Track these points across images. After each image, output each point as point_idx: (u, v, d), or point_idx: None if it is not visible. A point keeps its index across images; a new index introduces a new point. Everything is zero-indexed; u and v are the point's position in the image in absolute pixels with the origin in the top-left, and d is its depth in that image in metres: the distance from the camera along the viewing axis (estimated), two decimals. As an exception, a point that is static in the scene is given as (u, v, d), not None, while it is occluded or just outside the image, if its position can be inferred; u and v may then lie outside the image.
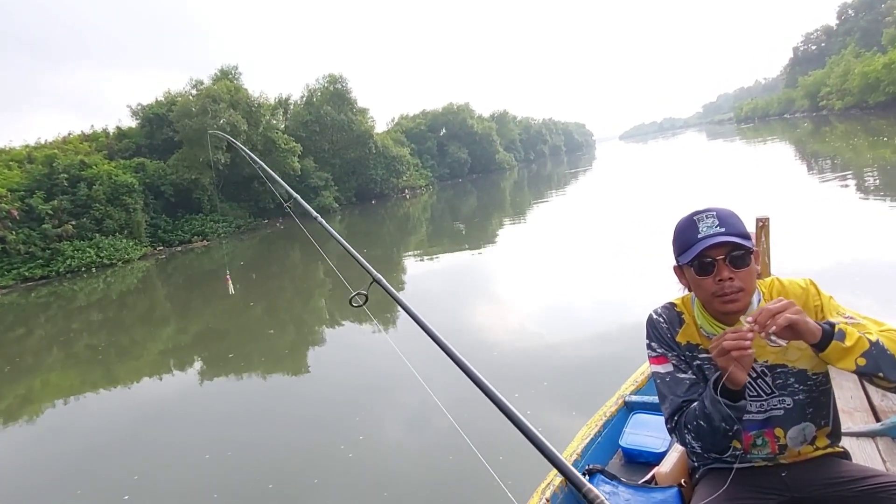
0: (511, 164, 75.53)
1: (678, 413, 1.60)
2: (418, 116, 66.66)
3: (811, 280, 1.63)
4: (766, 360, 1.59)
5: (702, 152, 42.15)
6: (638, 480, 2.18)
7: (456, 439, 3.24)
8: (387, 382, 6.20)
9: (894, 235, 8.32)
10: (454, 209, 30.96)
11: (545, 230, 17.14)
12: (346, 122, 41.65)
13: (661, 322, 1.71)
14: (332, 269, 14.15)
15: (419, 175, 54.51)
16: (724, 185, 17.66)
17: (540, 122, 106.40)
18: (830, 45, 68.06)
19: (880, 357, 1.38)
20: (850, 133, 30.16)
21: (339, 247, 2.56)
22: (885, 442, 2.33)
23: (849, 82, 42.93)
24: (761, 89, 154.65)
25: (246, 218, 35.46)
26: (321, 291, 13.43)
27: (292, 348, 8.83)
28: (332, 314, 11.08)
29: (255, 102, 34.78)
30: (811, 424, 1.62)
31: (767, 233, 3.05)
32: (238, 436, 5.61)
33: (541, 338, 6.88)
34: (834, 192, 12.92)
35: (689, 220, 1.57)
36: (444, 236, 19.78)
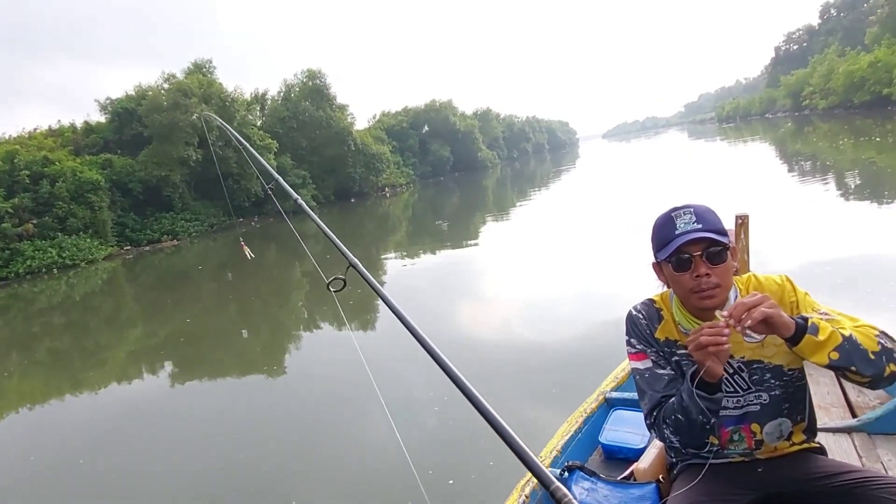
0: (494, 162, 75.11)
1: (657, 408, 1.61)
2: (400, 113, 65.85)
3: (787, 277, 1.64)
4: (742, 356, 1.60)
5: (684, 151, 43.24)
6: (617, 476, 2.18)
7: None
8: (347, 386, 6.15)
9: (873, 234, 8.39)
10: (436, 208, 30.67)
11: (528, 229, 17.10)
12: (324, 119, 40.77)
13: (641, 318, 1.72)
14: (309, 270, 12.64)
15: (400, 173, 53.87)
16: (706, 184, 17.82)
17: (523, 119, 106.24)
18: (813, 44, 68.91)
19: (853, 351, 1.38)
20: (834, 133, 30.68)
21: (319, 244, 2.05)
22: (861, 437, 2.34)
23: (833, 82, 43.10)
24: (742, 89, 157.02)
25: (219, 216, 34.49)
26: (298, 292, 13.14)
27: (267, 350, 8.66)
28: (311, 314, 10.83)
29: (229, 97, 33.61)
30: (787, 420, 1.63)
31: (747, 230, 3.07)
32: (213, 442, 5.52)
33: (523, 335, 6.88)
34: (815, 192, 12.99)
35: (667, 216, 1.57)
36: (426, 235, 19.55)
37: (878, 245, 7.75)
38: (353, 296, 10.75)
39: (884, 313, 5.30)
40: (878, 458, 2.23)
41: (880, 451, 2.27)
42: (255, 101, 42.49)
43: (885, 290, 5.90)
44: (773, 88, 76.44)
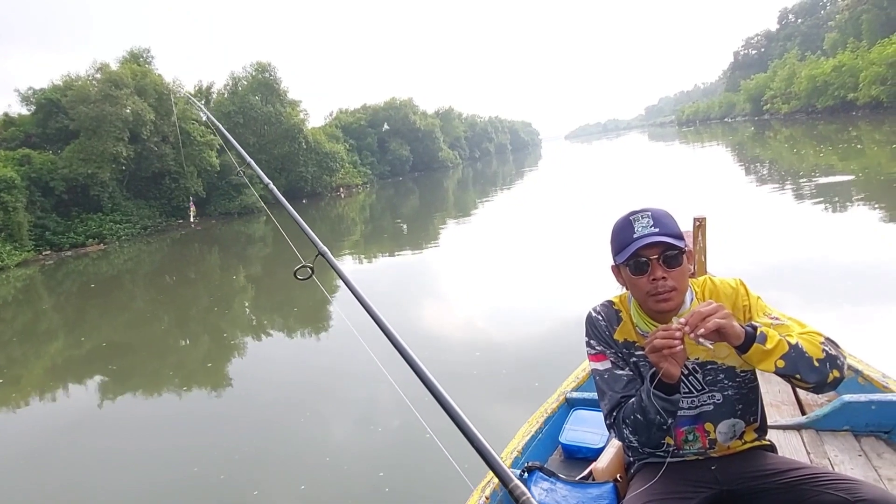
0: (455, 161, 74.16)
1: (617, 409, 1.66)
2: (358, 111, 64.17)
3: (741, 280, 1.70)
4: (697, 357, 1.66)
5: (644, 154, 44.05)
6: (576, 476, 2.24)
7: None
8: (296, 390, 6.18)
9: (823, 238, 8.64)
10: (395, 208, 30.04)
11: (490, 230, 17.02)
12: (273, 115, 38.59)
13: (600, 320, 1.76)
14: (254, 275, 13.21)
15: (357, 173, 51.99)
16: (665, 187, 17.98)
17: (486, 119, 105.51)
18: (771, 49, 69.83)
19: (798, 360, 1.45)
20: (795, 139, 31.17)
21: (268, 247, 1.72)
22: (810, 434, 2.43)
23: (795, 86, 43.10)
24: (700, 93, 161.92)
25: (155, 218, 32.20)
26: (242, 297, 12.49)
27: (208, 360, 8.23)
28: (258, 320, 10.29)
29: (166, 89, 31.05)
30: (740, 421, 1.70)
31: (704, 232, 3.13)
32: (155, 457, 5.24)
33: (484, 337, 6.92)
34: (771, 197, 13.21)
35: (626, 220, 1.62)
36: (384, 236, 19.12)
37: (828, 248, 8.05)
38: (304, 299, 10.31)
39: (829, 312, 5.46)
40: (825, 454, 2.30)
41: (827, 448, 2.34)
42: (200, 95, 40.04)
43: (832, 290, 6.11)
44: (732, 92, 77.65)
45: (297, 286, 12.90)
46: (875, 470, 2.15)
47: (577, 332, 1.83)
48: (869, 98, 31.88)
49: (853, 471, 2.14)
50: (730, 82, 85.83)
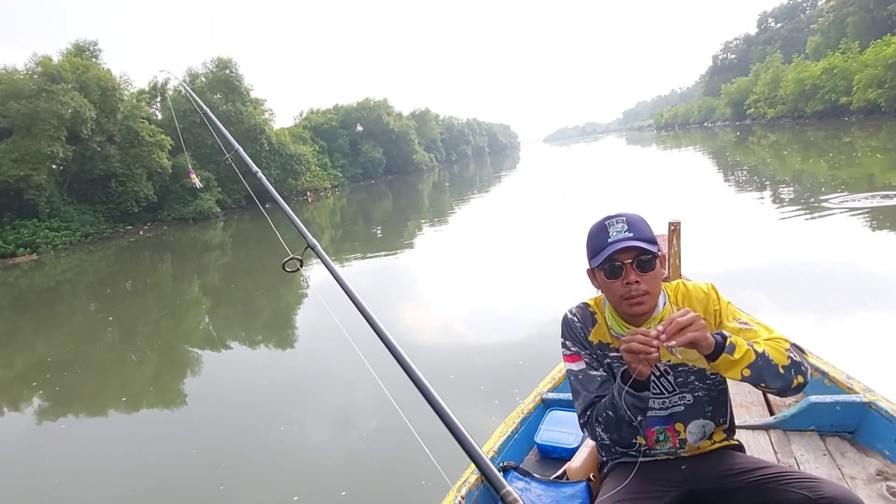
0: (430, 164, 72.48)
1: (590, 408, 1.70)
2: (330, 111, 62.24)
3: (713, 285, 1.74)
4: (668, 359, 1.70)
5: (622, 158, 42.61)
6: (550, 476, 2.27)
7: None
8: (255, 411, 5.80)
9: (795, 245, 8.63)
10: (368, 212, 28.99)
11: (467, 235, 16.64)
12: (234, 114, 35.97)
13: (576, 321, 1.80)
14: (211, 285, 12.77)
15: (326, 175, 49.66)
16: (642, 192, 17.88)
17: (463, 121, 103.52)
18: (751, 53, 69.09)
19: (764, 368, 1.50)
20: (781, 145, 29.63)
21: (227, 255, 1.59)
22: (777, 434, 2.49)
23: (781, 90, 41.25)
24: (678, 98, 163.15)
25: (100, 224, 29.57)
26: (197, 310, 11.69)
27: (159, 379, 7.69)
28: (218, 334, 9.61)
29: (111, 84, 28.48)
30: (710, 422, 1.75)
31: (679, 236, 3.21)
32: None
33: (462, 340, 6.91)
34: (754, 207, 12.88)
35: (601, 224, 1.65)
36: (356, 242, 18.32)
37: (801, 253, 8.07)
38: (271, 308, 10.12)
39: (798, 315, 5.57)
40: (791, 454, 2.35)
41: (794, 447, 2.39)
42: (156, 92, 37.40)
43: (802, 293, 6.19)
44: (711, 97, 76.50)
45: (262, 295, 11.23)
46: (839, 469, 2.21)
47: (554, 334, 1.84)
48: (864, 102, 29.97)
49: (818, 470, 2.21)
50: (709, 86, 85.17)
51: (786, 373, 1.50)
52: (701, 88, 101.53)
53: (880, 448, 2.28)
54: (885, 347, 4.61)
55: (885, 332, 5.00)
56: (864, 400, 2.38)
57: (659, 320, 1.62)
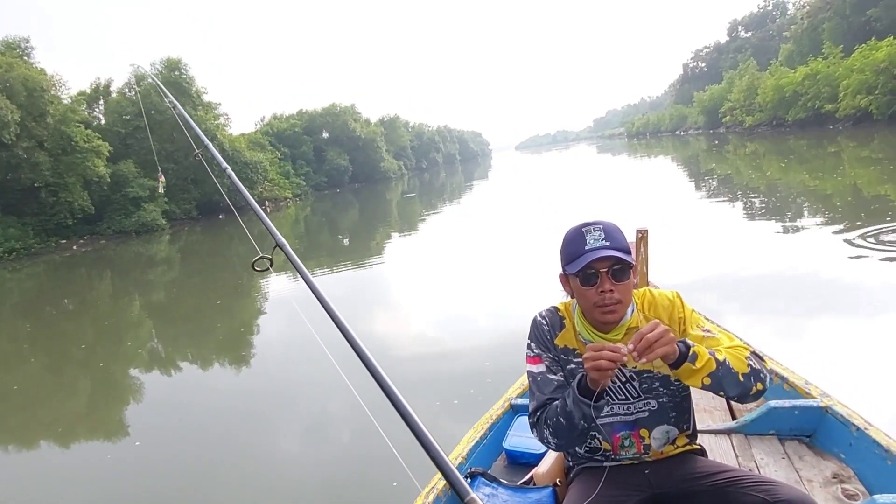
0: (399, 172, 70.48)
1: (541, 410, 1.71)
2: (293, 117, 59.60)
3: (678, 293, 1.76)
4: (633, 365, 1.69)
5: (594, 166, 42.03)
6: (517, 481, 2.29)
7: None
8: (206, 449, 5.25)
9: (765, 253, 8.59)
10: (333, 222, 27.79)
11: (437, 244, 16.16)
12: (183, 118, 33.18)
13: (544, 324, 1.81)
14: (157, 303, 11.97)
15: (288, 184, 47.11)
16: (613, 200, 17.66)
17: (434, 129, 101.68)
18: (722, 61, 68.82)
19: (724, 377, 1.52)
20: (760, 155, 27.98)
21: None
22: (739, 438, 2.53)
23: (759, 97, 39.79)
24: (647, 106, 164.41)
25: (27, 238, 26.59)
26: (141, 331, 10.72)
27: (93, 411, 6.94)
28: (161, 358, 8.76)
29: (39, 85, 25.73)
30: (674, 428, 1.77)
31: (646, 243, 3.26)
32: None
33: (432, 348, 6.91)
34: (722, 214, 12.87)
35: (578, 231, 1.66)
36: (322, 254, 17.14)
37: (767, 262, 8.04)
38: (224, 328, 9.51)
39: (760, 325, 5.63)
40: (752, 458, 2.39)
41: (754, 451, 2.43)
42: (98, 94, 34.66)
43: (764, 301, 6.29)
44: (682, 105, 75.74)
45: (216, 312, 10.53)
46: (797, 472, 2.25)
47: (523, 340, 1.86)
48: (852, 109, 28.33)
49: (777, 473, 2.25)
50: (679, 95, 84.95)
51: (745, 381, 1.54)
52: (670, 97, 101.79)
53: (836, 451, 2.33)
54: (842, 353, 4.70)
55: (843, 338, 5.08)
56: (821, 405, 2.44)
57: (627, 328, 1.67)
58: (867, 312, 5.60)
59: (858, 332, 5.20)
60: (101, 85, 35.36)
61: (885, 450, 2.09)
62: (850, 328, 5.32)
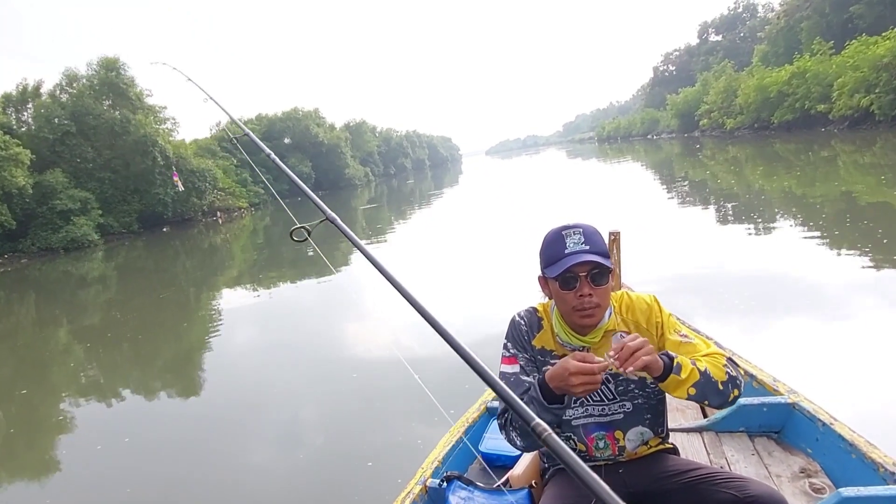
0: (366, 178, 67.68)
1: (508, 411, 1.69)
2: (252, 122, 56.46)
3: (655, 297, 1.78)
4: (610, 368, 1.71)
5: (566, 170, 40.92)
6: (493, 484, 2.30)
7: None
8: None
9: (737, 255, 8.62)
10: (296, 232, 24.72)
11: (409, 251, 15.62)
12: (118, 122, 30.22)
13: (522, 325, 1.81)
14: (90, 326, 11.73)
15: (245, 193, 43.91)
16: (586, 204, 17.82)
17: (402, 134, 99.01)
18: (692, 64, 67.80)
19: (706, 387, 1.54)
20: (741, 161, 26.08)
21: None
22: (710, 436, 2.58)
23: (740, 98, 38.08)
24: (616, 110, 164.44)
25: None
26: (66, 362, 9.29)
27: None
28: (96, 389, 7.70)
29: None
30: (648, 430, 1.78)
31: (619, 246, 3.31)
32: None
33: (407, 353, 6.66)
34: (695, 219, 12.60)
35: (558, 234, 1.66)
36: (283, 266, 16.29)
37: (735, 263, 8.11)
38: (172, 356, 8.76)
39: (730, 321, 5.73)
40: (723, 455, 2.45)
41: (725, 448, 2.48)
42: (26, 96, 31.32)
43: (734, 300, 6.30)
44: (653, 109, 74.39)
45: (160, 336, 9.77)
46: (766, 468, 2.30)
47: (499, 343, 1.85)
48: (849, 110, 26.02)
49: (747, 469, 2.30)
50: (650, 98, 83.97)
51: (724, 388, 1.56)
52: (640, 101, 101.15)
53: (803, 447, 2.38)
54: (809, 350, 4.77)
55: (810, 336, 5.18)
56: (788, 401, 2.49)
57: (604, 331, 1.69)
58: (833, 312, 5.73)
59: (826, 330, 5.33)
60: (30, 87, 32.00)
61: (850, 444, 2.14)
62: (818, 327, 5.45)
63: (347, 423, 5.03)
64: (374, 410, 5.11)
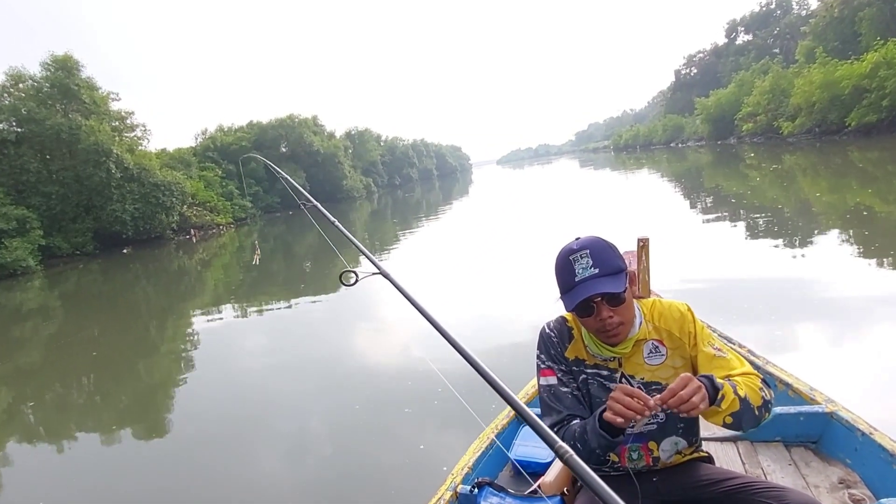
0: (366, 190, 63.43)
1: (559, 425, 1.70)
2: (242, 129, 52.08)
3: (688, 306, 1.75)
4: (642, 377, 1.72)
5: (583, 182, 37.42)
6: (525, 491, 2.29)
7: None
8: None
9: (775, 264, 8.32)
10: (288, 247, 23.91)
11: (421, 263, 14.61)
12: (66, 129, 26.04)
13: (553, 336, 1.81)
14: (25, 367, 10.40)
15: (230, 206, 39.81)
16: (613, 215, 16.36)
17: (409, 142, 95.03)
18: (720, 65, 62.80)
19: (744, 416, 1.52)
20: (803, 171, 21.95)
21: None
22: (745, 445, 2.57)
23: (796, 97, 32.73)
24: (631, 119, 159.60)
25: None
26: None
27: None
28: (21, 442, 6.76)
29: None
30: (682, 439, 1.77)
31: (647, 252, 3.04)
32: None
33: (427, 363, 6.16)
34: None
35: (565, 260, 1.65)
36: (275, 284, 14.55)
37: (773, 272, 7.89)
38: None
39: (763, 330, 5.56)
40: (758, 465, 2.43)
41: (761, 458, 2.47)
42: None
43: (772, 308, 6.16)
44: (676, 115, 69.36)
45: (116, 376, 8.71)
46: (803, 478, 2.28)
47: (526, 350, 1.89)
48: None
49: (784, 479, 2.28)
50: (670, 104, 78.92)
51: (759, 414, 1.55)
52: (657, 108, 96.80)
53: (842, 457, 2.34)
54: (846, 360, 4.71)
55: (848, 346, 5.11)
56: (825, 410, 2.44)
57: (635, 341, 1.68)
58: (871, 321, 5.58)
59: (864, 339, 5.22)
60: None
61: (891, 454, 2.10)
62: (856, 336, 5.33)
63: (376, 431, 4.92)
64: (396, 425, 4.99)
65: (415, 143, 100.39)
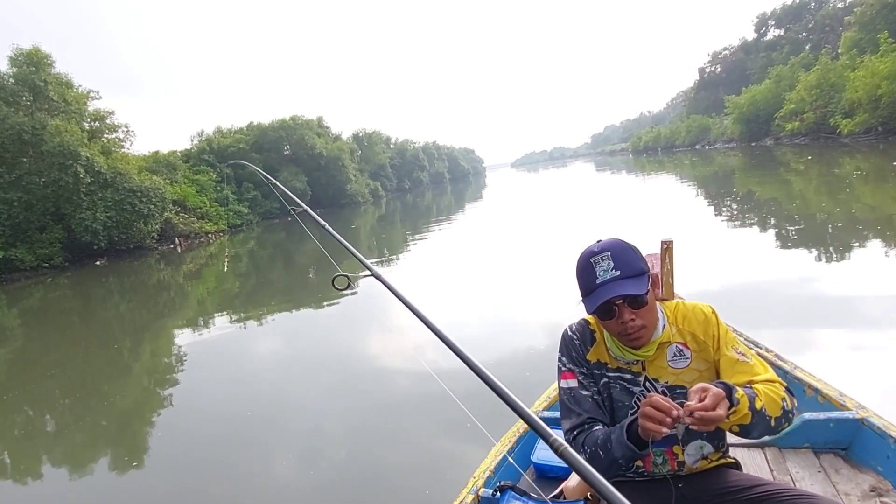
0: (373, 195, 60.65)
1: (579, 429, 1.68)
2: (241, 131, 49.68)
3: (713, 309, 1.72)
4: (666, 381, 1.68)
5: (604, 187, 35.16)
6: (547, 495, 2.29)
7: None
8: None
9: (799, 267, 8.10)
10: (288, 255, 23.10)
11: (433, 266, 14.76)
12: (29, 129, 23.47)
13: (574, 339, 1.79)
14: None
15: (224, 213, 37.41)
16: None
17: (419, 145, 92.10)
18: (750, 62, 59.17)
19: (753, 426, 1.49)
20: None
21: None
22: (773, 452, 2.51)
23: (851, 92, 28.94)
24: (648, 120, 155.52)
25: None
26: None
27: None
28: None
29: None
30: (707, 443, 1.73)
31: (671, 255, 3.10)
32: None
33: (447, 366, 5.68)
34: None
35: (586, 262, 1.63)
36: (275, 292, 14.33)
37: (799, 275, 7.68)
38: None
39: (792, 335, 5.48)
40: (787, 471, 2.37)
41: (789, 465, 2.41)
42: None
43: (800, 313, 6.09)
44: (699, 115, 65.79)
45: (85, 404, 8.27)
46: (833, 485, 2.21)
47: (548, 353, 1.81)
48: None
49: (813, 487, 2.21)
50: (693, 104, 75.26)
51: (776, 424, 1.52)
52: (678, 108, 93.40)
53: (873, 464, 2.29)
54: (879, 367, 4.59)
55: (879, 351, 4.97)
56: (856, 416, 2.38)
57: (658, 343, 1.65)
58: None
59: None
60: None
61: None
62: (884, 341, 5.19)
63: (393, 438, 4.89)
64: (411, 428, 5.01)
65: (426, 146, 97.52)
